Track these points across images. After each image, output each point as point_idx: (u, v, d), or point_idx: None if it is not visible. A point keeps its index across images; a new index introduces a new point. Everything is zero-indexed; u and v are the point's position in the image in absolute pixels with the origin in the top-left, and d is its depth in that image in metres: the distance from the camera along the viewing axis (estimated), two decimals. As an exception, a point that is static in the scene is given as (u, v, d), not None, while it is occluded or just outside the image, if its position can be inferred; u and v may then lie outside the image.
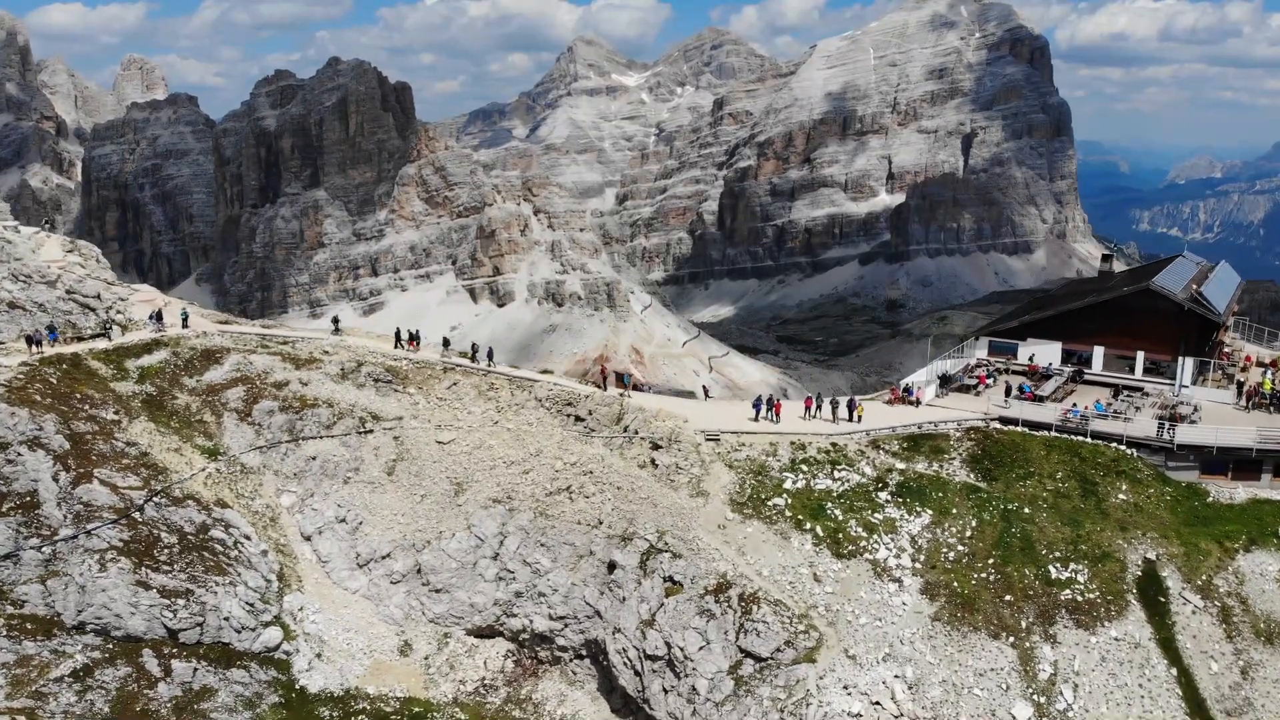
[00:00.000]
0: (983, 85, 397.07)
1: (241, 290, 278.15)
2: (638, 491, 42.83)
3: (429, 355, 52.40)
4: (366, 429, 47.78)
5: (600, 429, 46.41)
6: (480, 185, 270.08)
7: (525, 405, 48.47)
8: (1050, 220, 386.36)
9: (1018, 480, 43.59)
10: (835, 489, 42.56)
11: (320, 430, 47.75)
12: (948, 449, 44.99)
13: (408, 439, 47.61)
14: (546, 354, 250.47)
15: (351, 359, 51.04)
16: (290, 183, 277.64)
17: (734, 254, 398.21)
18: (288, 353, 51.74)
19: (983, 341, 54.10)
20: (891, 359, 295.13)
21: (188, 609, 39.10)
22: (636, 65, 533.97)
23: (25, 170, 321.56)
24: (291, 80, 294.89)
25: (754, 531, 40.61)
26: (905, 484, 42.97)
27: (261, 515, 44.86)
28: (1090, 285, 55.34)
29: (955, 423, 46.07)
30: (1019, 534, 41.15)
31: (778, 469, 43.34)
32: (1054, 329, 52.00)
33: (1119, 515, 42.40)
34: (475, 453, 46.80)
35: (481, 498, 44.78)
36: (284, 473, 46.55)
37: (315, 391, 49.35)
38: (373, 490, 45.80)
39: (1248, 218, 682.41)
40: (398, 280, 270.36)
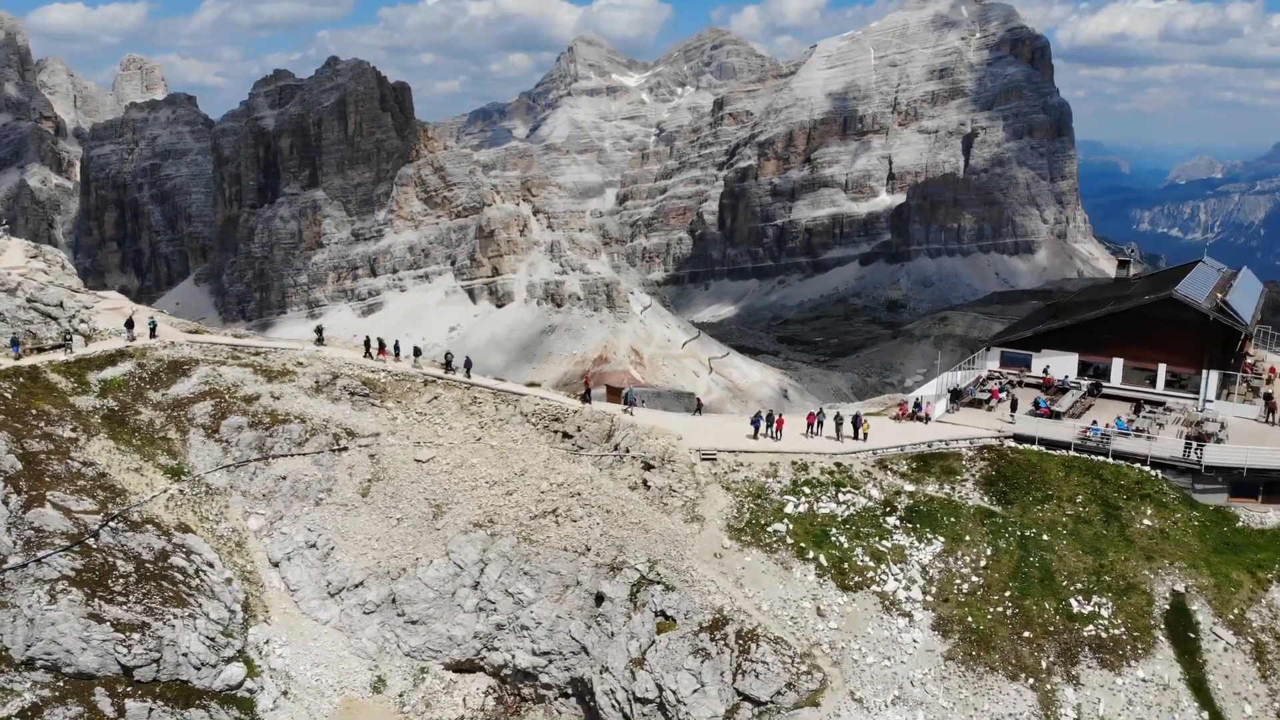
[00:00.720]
0: (983, 85, 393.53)
1: (240, 291, 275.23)
2: (628, 515, 39.68)
3: (404, 367, 49.16)
4: (340, 446, 44.65)
5: (589, 447, 43.27)
6: (479, 185, 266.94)
7: (510, 421, 45.32)
8: (1051, 220, 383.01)
9: (1035, 504, 40.41)
10: (840, 514, 39.40)
11: (291, 448, 44.61)
12: (960, 470, 41.81)
13: (384, 457, 44.48)
14: (546, 355, 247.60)
15: (326, 371, 47.90)
16: (289, 183, 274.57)
17: (734, 254, 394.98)
18: (260, 364, 48.61)
19: (994, 352, 50.88)
20: (892, 360, 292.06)
21: (143, 644, 35.96)
22: (637, 65, 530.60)
23: (24, 170, 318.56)
24: (290, 80, 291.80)
25: (753, 561, 37.44)
26: (915, 508, 39.81)
27: (226, 540, 41.73)
28: (1108, 292, 52.14)
29: (967, 441, 42.90)
30: (1037, 563, 37.99)
31: (778, 492, 40.17)
32: (1070, 339, 48.81)
33: (1144, 543, 39.23)
34: (456, 472, 43.67)
35: (462, 521, 41.65)
36: (252, 493, 43.41)
37: (287, 406, 46.21)
38: (346, 513, 42.66)
39: (1248, 218, 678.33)
40: (396, 281, 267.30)
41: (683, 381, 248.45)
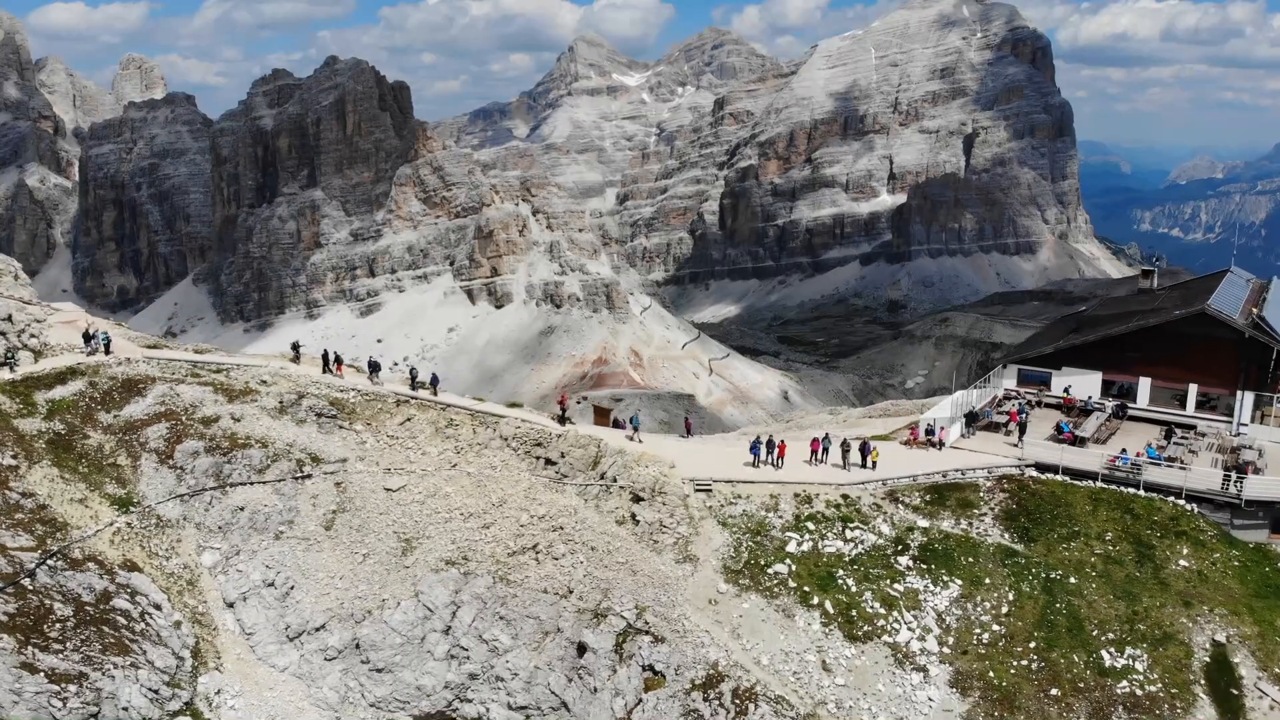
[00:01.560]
0: (985, 85, 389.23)
1: (238, 291, 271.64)
2: (615, 554, 35.82)
3: (362, 382, 45.22)
4: (304, 473, 40.80)
5: (574, 474, 39.42)
6: (478, 185, 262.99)
7: (489, 445, 41.47)
8: (1052, 221, 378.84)
9: (1060, 542, 36.52)
10: (847, 553, 35.53)
11: (251, 475, 40.77)
12: (977, 503, 37.92)
13: (351, 485, 40.63)
14: (545, 356, 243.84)
15: (292, 390, 44.04)
16: (287, 182, 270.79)
17: (735, 254, 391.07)
18: (220, 383, 44.76)
19: (1011, 369, 46.89)
20: (893, 361, 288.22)
21: (80, 697, 32.14)
22: (637, 65, 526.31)
23: (23, 170, 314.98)
24: (289, 80, 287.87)
25: (751, 608, 33.57)
26: (929, 547, 35.92)
27: (177, 578, 37.89)
28: (1133, 305, 48.21)
29: (985, 470, 39.00)
30: (1065, 610, 34.11)
31: (779, 528, 36.29)
32: (1094, 356, 44.87)
33: (1181, 586, 35.33)
34: (428, 502, 39.83)
35: (433, 558, 37.81)
36: (207, 526, 39.57)
37: (248, 428, 42.36)
38: (307, 548, 38.81)
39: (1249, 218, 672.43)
40: (395, 281, 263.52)
41: (683, 383, 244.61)
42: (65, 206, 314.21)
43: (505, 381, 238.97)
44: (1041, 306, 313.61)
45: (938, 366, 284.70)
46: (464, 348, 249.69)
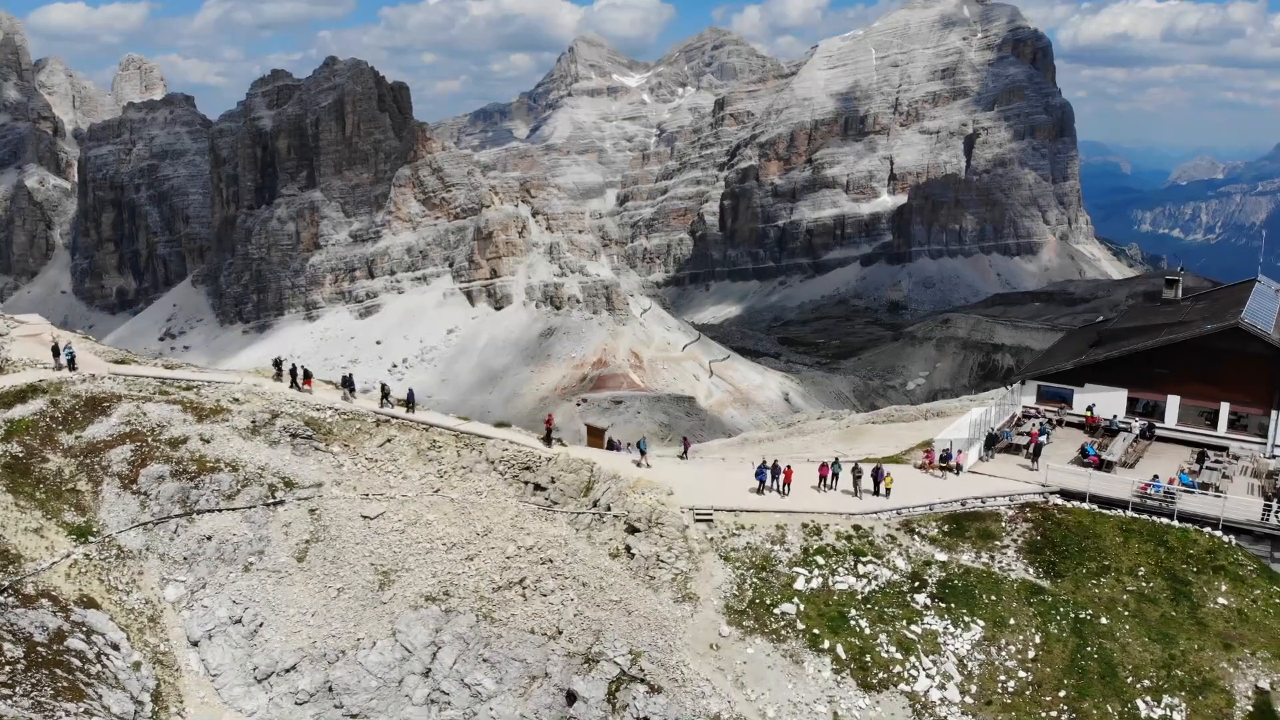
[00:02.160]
0: (985, 85, 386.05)
1: (237, 292, 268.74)
2: (608, 591, 32.88)
3: (333, 398, 42.14)
4: (276, 499, 37.86)
5: (564, 501, 36.47)
6: (478, 186, 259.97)
7: (474, 469, 38.52)
8: (1053, 221, 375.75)
9: (1090, 577, 33.55)
10: (860, 590, 32.58)
11: (219, 501, 37.82)
12: (999, 534, 34.95)
13: (326, 512, 37.69)
14: (544, 358, 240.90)
15: (265, 409, 41.08)
16: (286, 183, 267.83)
17: (735, 255, 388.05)
18: (190, 401, 41.81)
19: (1030, 386, 43.89)
20: (894, 362, 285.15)
21: (26, 748, 29.28)
22: (638, 65, 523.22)
23: (22, 171, 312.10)
24: (288, 80, 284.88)
25: (756, 654, 30.63)
26: (948, 583, 32.97)
27: (138, 614, 34.96)
28: (1158, 317, 45.23)
29: (1006, 497, 36.05)
30: (1096, 654, 31.16)
31: (786, 562, 33.35)
32: (1118, 373, 41.90)
33: (1220, 627, 32.37)
34: (409, 531, 36.90)
35: (412, 593, 34.88)
36: (171, 557, 36.62)
37: (218, 450, 39.41)
38: (278, 581, 35.87)
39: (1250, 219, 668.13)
40: (394, 283, 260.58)
41: (683, 385, 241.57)
42: (65, 208, 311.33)
43: (505, 383, 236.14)
44: (1043, 308, 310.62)
45: (939, 368, 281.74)
46: (463, 349, 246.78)
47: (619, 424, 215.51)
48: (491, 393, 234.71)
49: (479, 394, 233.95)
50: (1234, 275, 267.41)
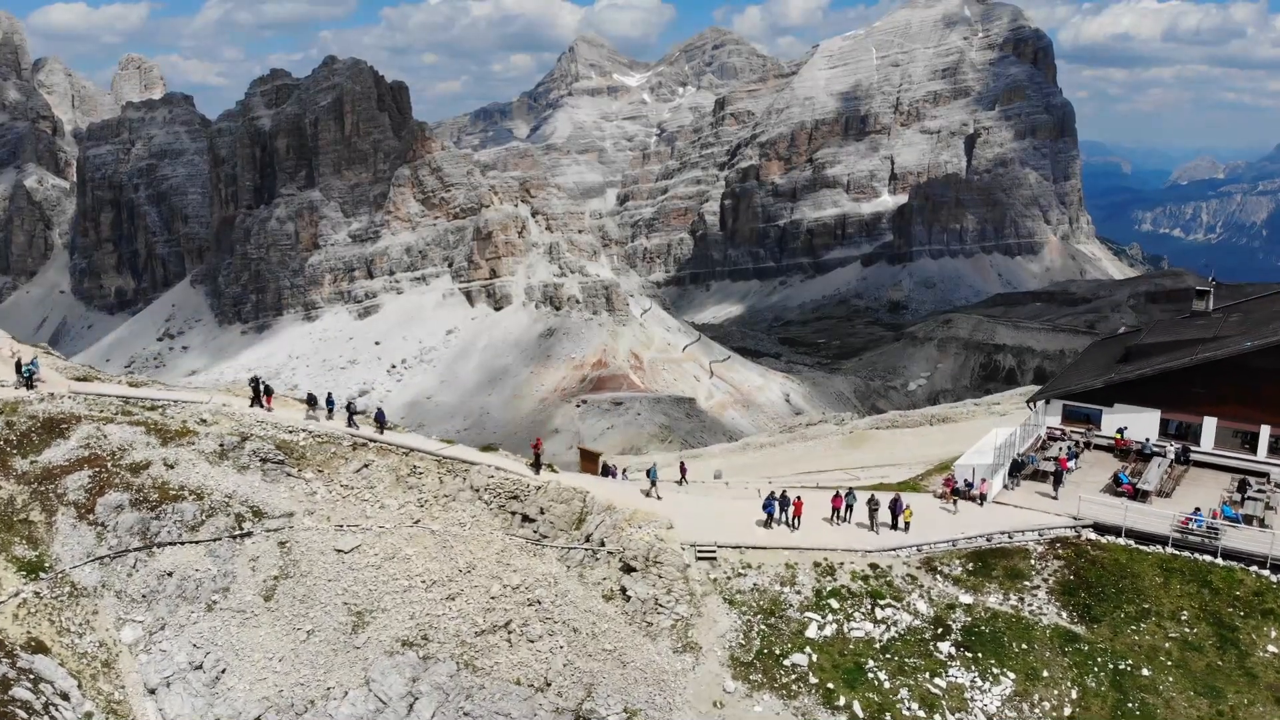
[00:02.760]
0: (986, 85, 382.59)
1: (236, 292, 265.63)
2: (601, 639, 29.75)
3: (292, 416, 38.85)
4: (243, 530, 34.72)
5: (554, 535, 33.32)
6: (477, 186, 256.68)
7: (457, 498, 35.35)
8: (1054, 221, 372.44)
9: (1128, 622, 30.39)
10: (878, 638, 29.43)
11: (182, 533, 34.67)
12: (1028, 573, 31.79)
13: (297, 546, 34.54)
14: (544, 359, 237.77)
15: (235, 431, 37.91)
16: (285, 183, 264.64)
17: (735, 255, 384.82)
18: (155, 422, 38.63)
19: (1055, 405, 40.67)
20: (895, 363, 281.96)
21: (-41, 814, 26.26)
22: (638, 65, 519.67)
23: (21, 171, 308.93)
24: (287, 79, 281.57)
25: (765, 712, 27.49)
26: (974, 630, 29.82)
27: (91, 659, 31.83)
28: (1189, 330, 42.03)
29: (1035, 532, 32.87)
30: (1139, 710, 28.01)
31: (797, 606, 30.19)
32: (1150, 392, 38.72)
33: (1271, 678, 29.21)
34: (386, 566, 33.76)
35: (388, 637, 31.75)
36: (129, 594, 33.48)
37: (183, 476, 36.25)
38: (243, 622, 32.74)
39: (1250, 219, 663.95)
40: (393, 283, 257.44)
41: (683, 386, 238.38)
42: (64, 207, 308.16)
43: (504, 384, 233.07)
44: (1044, 308, 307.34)
45: (940, 369, 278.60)
46: (463, 350, 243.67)
47: (619, 425, 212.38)
48: (491, 394, 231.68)
49: (478, 395, 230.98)
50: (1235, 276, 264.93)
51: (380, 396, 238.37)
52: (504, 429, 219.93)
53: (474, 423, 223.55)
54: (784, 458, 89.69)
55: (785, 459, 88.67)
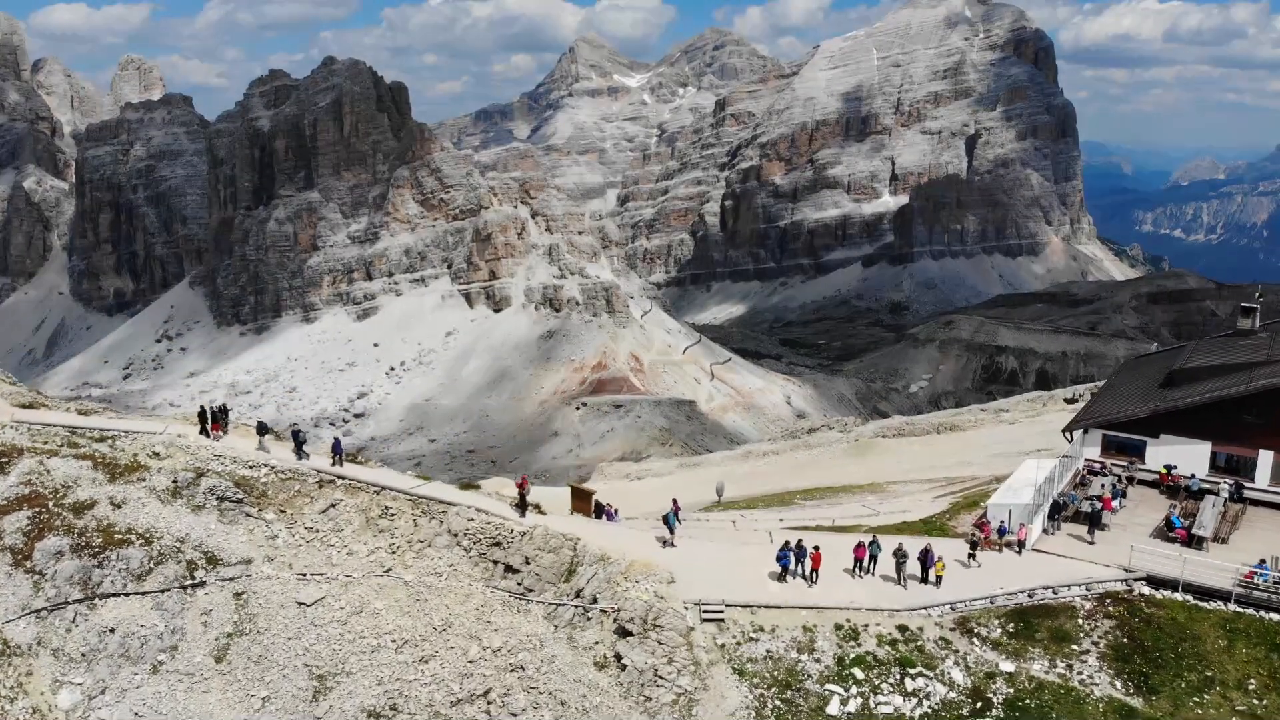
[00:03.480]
0: (987, 86, 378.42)
1: (235, 294, 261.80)
2: (592, 715, 25.87)
3: (234, 445, 34.69)
4: (196, 580, 30.86)
5: (541, 589, 29.44)
6: (476, 188, 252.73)
7: (433, 543, 31.47)
8: (1055, 222, 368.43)
9: (1190, 694, 26.48)
10: (910, 714, 25.54)
11: (128, 582, 30.78)
12: (1076, 635, 27.88)
13: (255, 598, 30.67)
14: (543, 361, 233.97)
15: (190, 465, 34.01)
16: (284, 184, 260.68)
17: (736, 256, 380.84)
18: (103, 455, 34.71)
19: (1094, 435, 36.74)
20: (897, 365, 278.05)
21: None
22: (638, 66, 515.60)
23: (20, 172, 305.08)
24: (286, 80, 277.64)
25: (778, 808, 23.59)
26: (1018, 702, 25.92)
27: (19, 729, 28.13)
28: (1236, 352, 38.11)
29: (1082, 586, 28.96)
30: (1211, 802, 24.13)
31: (817, 677, 26.29)
32: (1200, 422, 34.79)
33: (1359, 758, 25.35)
34: (352, 622, 29.90)
35: (352, 705, 27.89)
36: (67, 653, 29.61)
37: (131, 518, 32.36)
38: (191, 686, 28.87)
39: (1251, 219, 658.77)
40: (392, 284, 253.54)
41: (684, 389, 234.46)
42: (63, 209, 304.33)
43: (503, 387, 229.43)
44: (1046, 309, 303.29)
45: (942, 370, 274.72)
46: (462, 352, 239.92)
47: (619, 428, 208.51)
48: (490, 396, 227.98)
49: (478, 397, 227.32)
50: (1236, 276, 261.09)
51: (379, 399, 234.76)
52: (503, 431, 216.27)
53: (473, 425, 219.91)
54: (787, 466, 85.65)
55: (789, 468, 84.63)
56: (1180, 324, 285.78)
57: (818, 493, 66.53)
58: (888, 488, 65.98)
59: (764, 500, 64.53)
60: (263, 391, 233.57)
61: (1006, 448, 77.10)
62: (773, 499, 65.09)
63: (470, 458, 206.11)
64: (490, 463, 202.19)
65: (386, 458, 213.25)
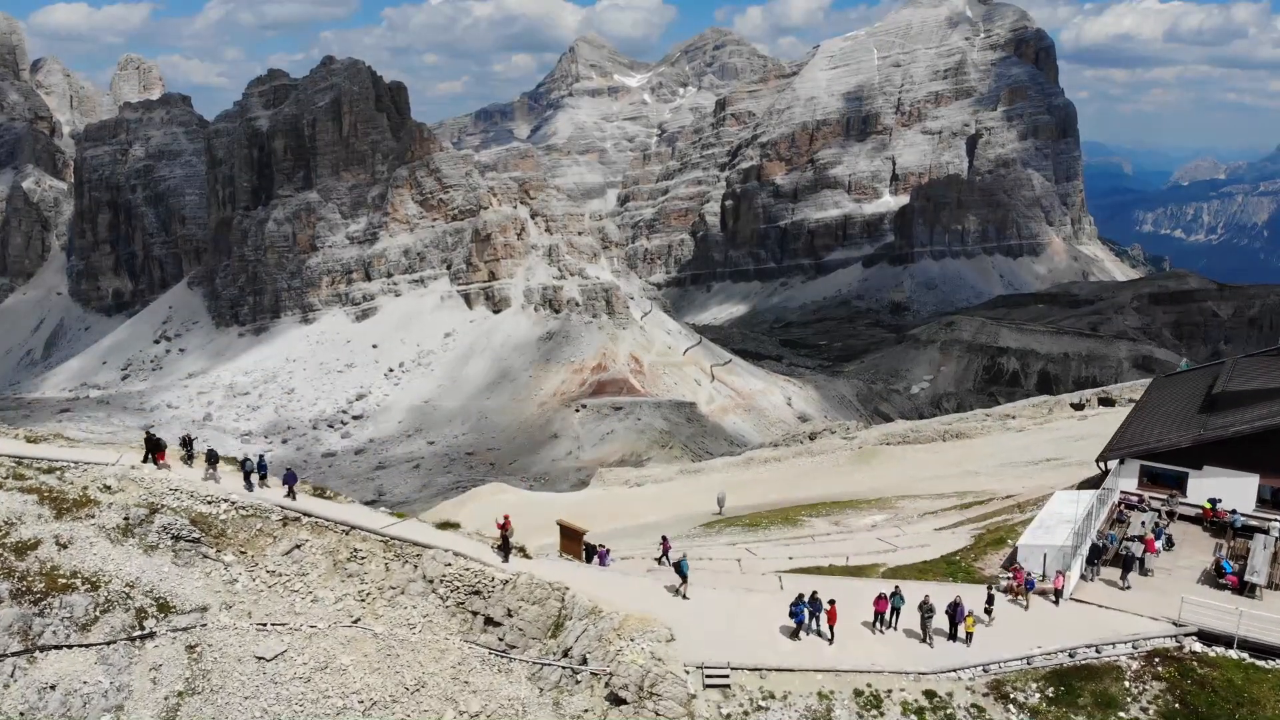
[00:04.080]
0: (988, 86, 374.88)
1: (234, 294, 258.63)
2: (579, 795, 22.70)
3: (191, 475, 31.32)
4: (145, 631, 27.72)
5: (524, 645, 26.27)
6: (476, 188, 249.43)
7: (406, 590, 28.30)
8: (1056, 222, 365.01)
9: (1255, 769, 23.33)
10: (937, 798, 22.34)
11: (71, 632, 27.67)
12: (1122, 699, 24.68)
13: (209, 650, 27.52)
14: (543, 362, 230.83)
15: (143, 500, 30.82)
16: (283, 185, 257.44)
17: (736, 256, 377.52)
18: (51, 488, 31.54)
19: (1130, 465, 33.52)
20: (898, 366, 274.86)
21: None
22: (639, 65, 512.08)
23: (19, 172, 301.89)
24: (285, 80, 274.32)
25: None
26: (1061, 783, 22.73)
27: (-57, 804, 25.07)
28: (1278, 370, 34.91)
29: (1128, 644, 25.74)
30: None
31: (832, 752, 23.10)
32: (1247, 452, 31.57)
33: None
34: (315, 679, 26.74)
35: (313, 779, 24.77)
36: (4, 712, 26.59)
37: (78, 559, 29.21)
38: (135, 755, 25.79)
39: (1251, 219, 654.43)
40: (391, 285, 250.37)
41: (684, 390, 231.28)
42: (62, 209, 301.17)
43: (502, 388, 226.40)
44: (1047, 309, 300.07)
45: (943, 371, 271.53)
46: (461, 353, 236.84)
47: (619, 430, 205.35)
48: (490, 398, 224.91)
49: (477, 399, 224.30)
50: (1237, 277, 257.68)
51: (378, 400, 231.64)
52: (503, 433, 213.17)
53: (472, 427, 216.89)
54: (790, 474, 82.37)
55: (792, 475, 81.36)
56: (1182, 324, 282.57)
57: (824, 507, 63.34)
58: (896, 503, 62.79)
59: (768, 517, 61.30)
60: (261, 393, 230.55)
61: (1014, 456, 74.04)
62: (777, 515, 61.88)
63: (469, 460, 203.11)
64: (489, 465, 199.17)
65: (385, 459, 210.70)
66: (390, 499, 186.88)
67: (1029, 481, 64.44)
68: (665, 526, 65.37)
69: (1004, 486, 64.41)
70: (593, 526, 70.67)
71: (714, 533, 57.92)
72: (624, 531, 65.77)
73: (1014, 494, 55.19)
